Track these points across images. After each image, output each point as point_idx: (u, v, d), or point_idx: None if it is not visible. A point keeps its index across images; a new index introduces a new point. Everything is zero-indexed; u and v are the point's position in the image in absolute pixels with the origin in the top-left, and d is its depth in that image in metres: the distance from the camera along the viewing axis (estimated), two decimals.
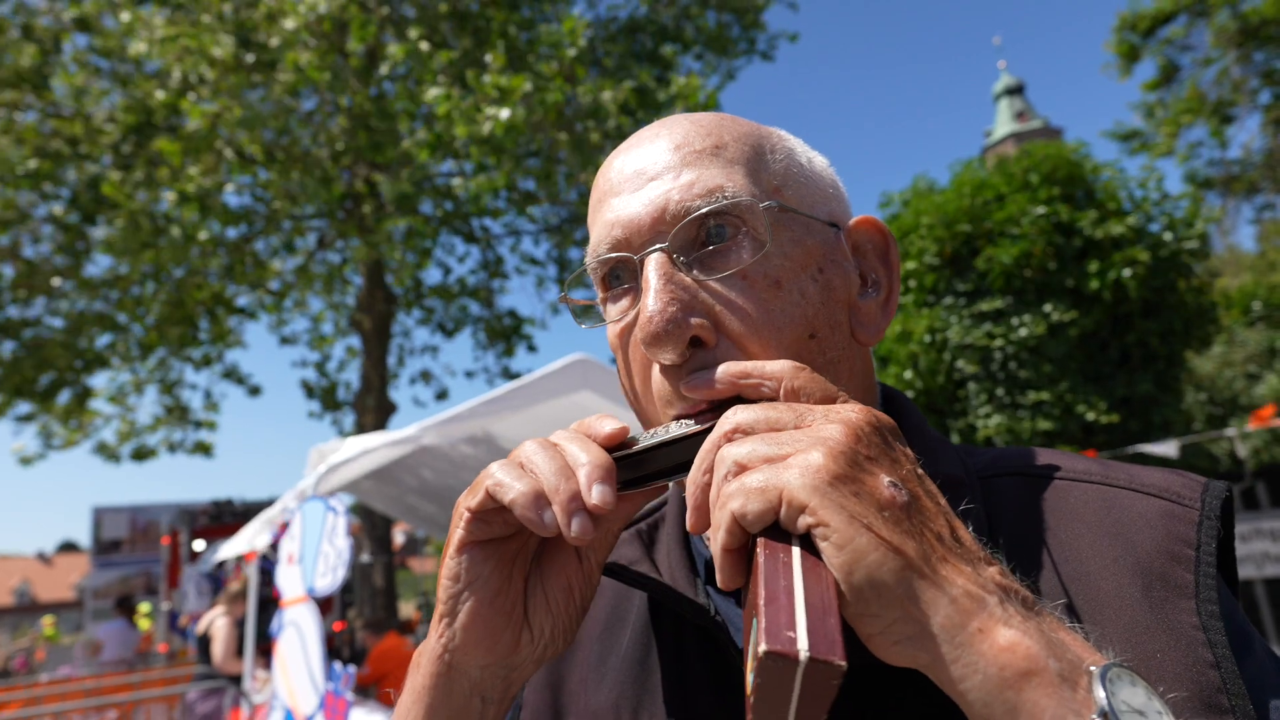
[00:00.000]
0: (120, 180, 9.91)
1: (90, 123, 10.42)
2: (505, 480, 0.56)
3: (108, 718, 7.57)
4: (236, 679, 6.17)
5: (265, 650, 5.46)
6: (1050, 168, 7.03)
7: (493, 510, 0.58)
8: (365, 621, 8.24)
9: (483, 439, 5.90)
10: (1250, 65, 13.88)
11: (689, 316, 0.60)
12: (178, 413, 12.44)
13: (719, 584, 0.48)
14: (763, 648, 0.38)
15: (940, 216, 7.09)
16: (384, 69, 9.87)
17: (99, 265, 11.67)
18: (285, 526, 4.45)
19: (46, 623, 14.08)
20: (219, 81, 9.37)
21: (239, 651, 6.23)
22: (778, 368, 0.56)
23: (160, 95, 9.71)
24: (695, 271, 0.63)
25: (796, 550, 0.44)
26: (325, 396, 12.66)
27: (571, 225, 12.03)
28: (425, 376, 13.32)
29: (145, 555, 20.33)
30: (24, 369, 10.85)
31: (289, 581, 4.31)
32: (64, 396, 11.67)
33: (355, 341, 13.44)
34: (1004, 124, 56.94)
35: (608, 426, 0.59)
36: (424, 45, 9.16)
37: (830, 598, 0.41)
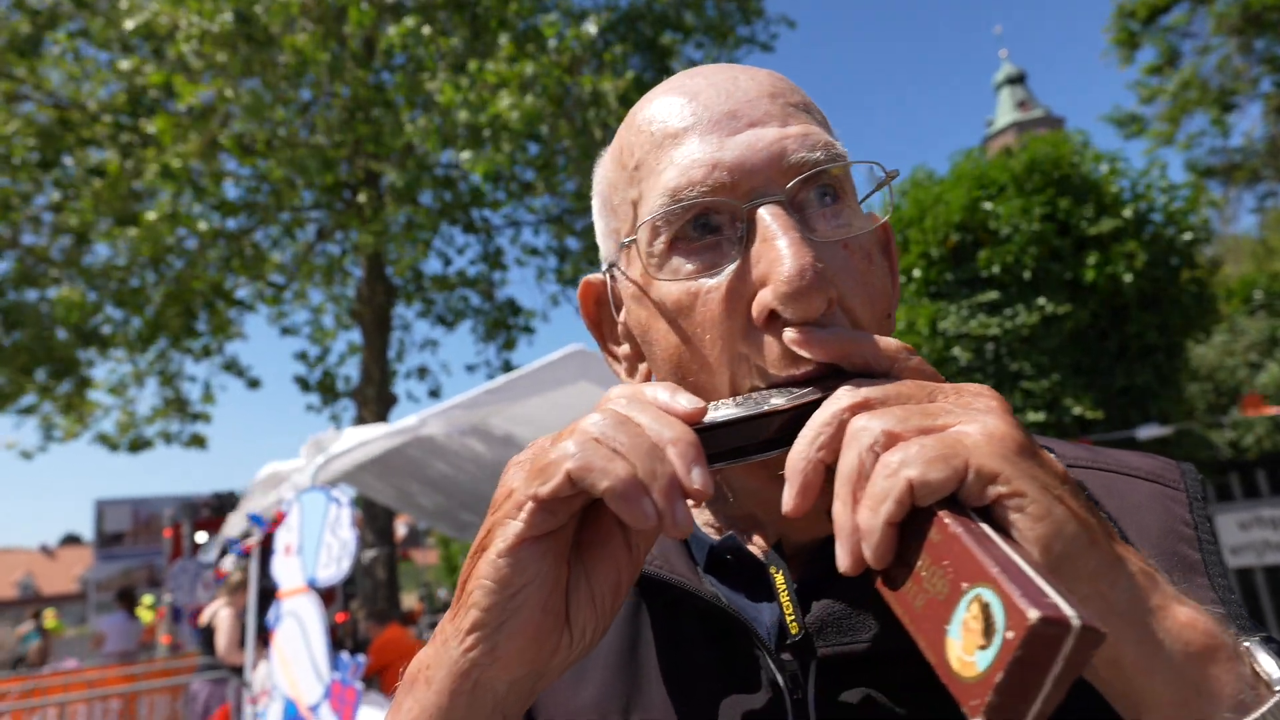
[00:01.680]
0: (119, 165, 9.89)
1: (86, 111, 10.39)
2: (596, 462, 0.47)
3: (110, 708, 7.60)
4: (239, 670, 6.19)
5: (268, 641, 5.49)
6: (1050, 166, 7.01)
7: (565, 498, 0.49)
8: (369, 611, 8.27)
9: (482, 430, 5.91)
10: (1251, 53, 13.80)
11: (829, 276, 0.55)
12: (176, 404, 12.45)
13: (871, 562, 0.43)
14: (1034, 614, 0.34)
15: (940, 211, 7.08)
16: (382, 52, 9.82)
17: (97, 256, 11.66)
18: (282, 516, 4.45)
19: (49, 615, 14.11)
20: (214, 57, 9.29)
21: (241, 642, 6.27)
22: (896, 344, 0.53)
23: (151, 71, 9.62)
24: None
25: (983, 523, 0.41)
26: (324, 388, 12.66)
27: (572, 216, 12.00)
28: (421, 372, 13.31)
29: (148, 548, 20.42)
30: (23, 357, 10.85)
31: (287, 572, 4.32)
32: (65, 386, 11.68)
33: (356, 336, 13.44)
34: (1005, 113, 56.73)
35: (684, 401, 0.51)
36: (425, 29, 9.12)
37: (1042, 568, 0.38)
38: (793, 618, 0.60)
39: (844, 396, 0.48)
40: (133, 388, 12.31)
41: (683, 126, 0.59)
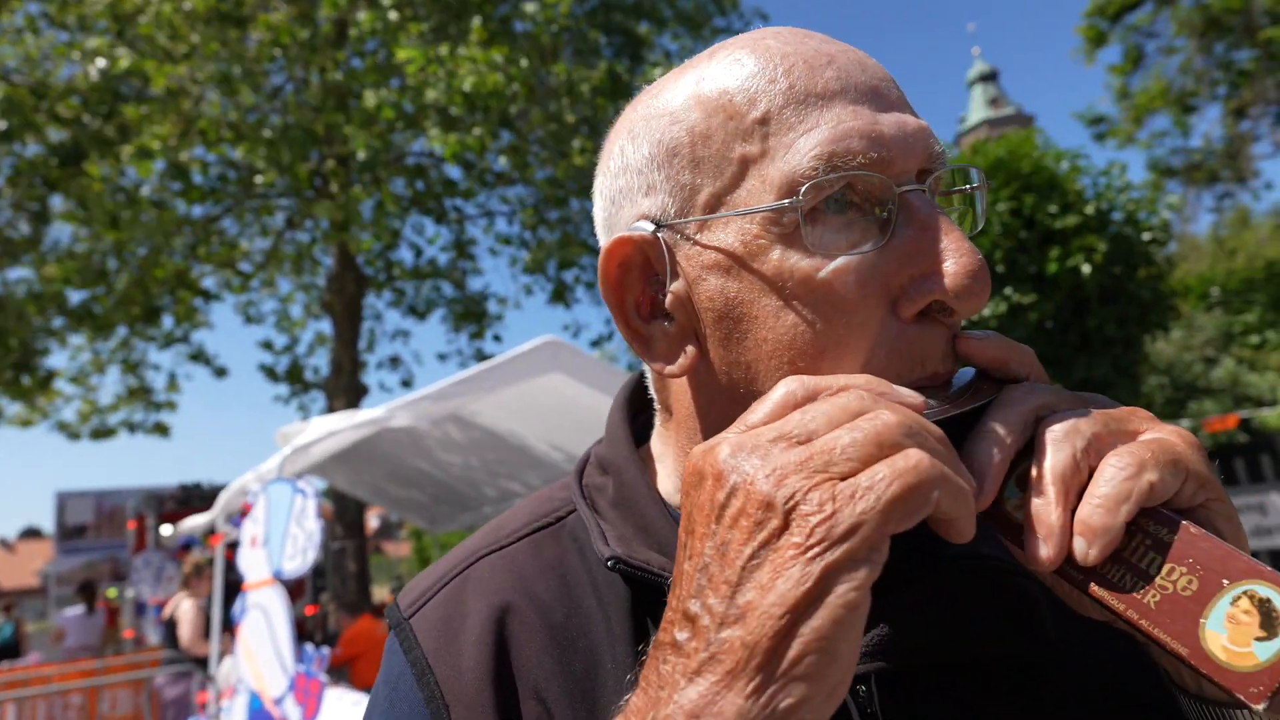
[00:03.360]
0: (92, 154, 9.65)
1: (51, 90, 10.10)
2: (950, 483, 0.41)
3: (72, 704, 7.48)
4: (203, 662, 6.12)
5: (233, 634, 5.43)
6: (1015, 165, 7.16)
7: None
8: (340, 603, 8.22)
9: (452, 421, 5.89)
10: (1211, 55, 14.14)
11: None
12: (140, 393, 12.22)
13: (1093, 559, 0.43)
14: None
15: None
16: (354, 36, 9.67)
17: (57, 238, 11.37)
18: (249, 508, 4.41)
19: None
20: (186, 36, 9.07)
21: (205, 632, 6.20)
22: (1030, 353, 0.52)
23: (121, 56, 9.39)
24: None
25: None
26: (293, 379, 12.51)
27: (546, 205, 11.94)
28: (394, 362, 13.20)
29: (111, 540, 20.00)
30: None
31: (252, 564, 4.28)
32: (26, 378, 11.40)
33: (325, 326, 13.28)
34: (978, 110, 57.42)
35: (911, 397, 0.46)
36: (393, 15, 9.00)
37: None
38: None
39: (1027, 398, 0.47)
40: (94, 375, 12.06)
41: (829, 90, 0.52)
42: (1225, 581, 0.40)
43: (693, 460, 0.45)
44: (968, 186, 0.57)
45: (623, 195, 0.60)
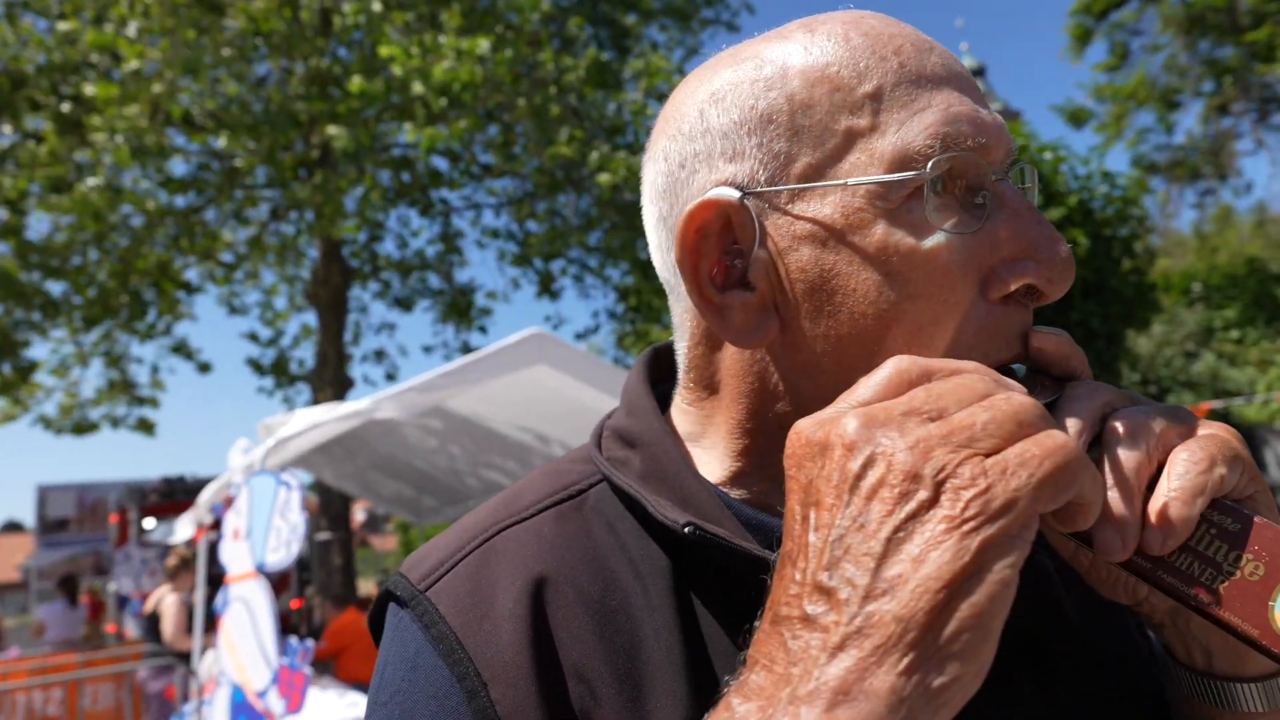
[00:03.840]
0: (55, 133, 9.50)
1: (25, 76, 9.95)
2: (1089, 460, 0.42)
3: (53, 697, 7.42)
4: (186, 656, 6.09)
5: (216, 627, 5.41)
6: None
7: None
8: (326, 595, 8.20)
9: (437, 413, 5.87)
10: (1195, 53, 14.26)
11: None
12: (122, 386, 12.09)
13: (1166, 549, 0.45)
14: None
15: None
16: (337, 27, 9.58)
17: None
18: (230, 501, 4.38)
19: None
20: (163, 20, 8.93)
21: (189, 628, 6.16)
22: (1084, 355, 0.56)
23: (92, 35, 9.22)
24: None
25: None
26: (278, 371, 12.42)
27: (532, 198, 11.90)
28: (379, 355, 13.13)
29: (93, 534, 19.83)
30: None
31: (235, 557, 4.26)
32: (7, 367, 11.26)
33: (310, 318, 13.19)
34: None
35: (1015, 386, 0.46)
36: (377, 6, 8.92)
37: None
38: None
39: (1097, 395, 0.50)
40: (76, 369, 11.93)
41: (936, 74, 0.54)
42: None
43: (804, 433, 0.43)
44: (1024, 185, 0.59)
45: (698, 159, 0.58)
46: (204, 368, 12.80)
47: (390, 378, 13.16)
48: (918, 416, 0.41)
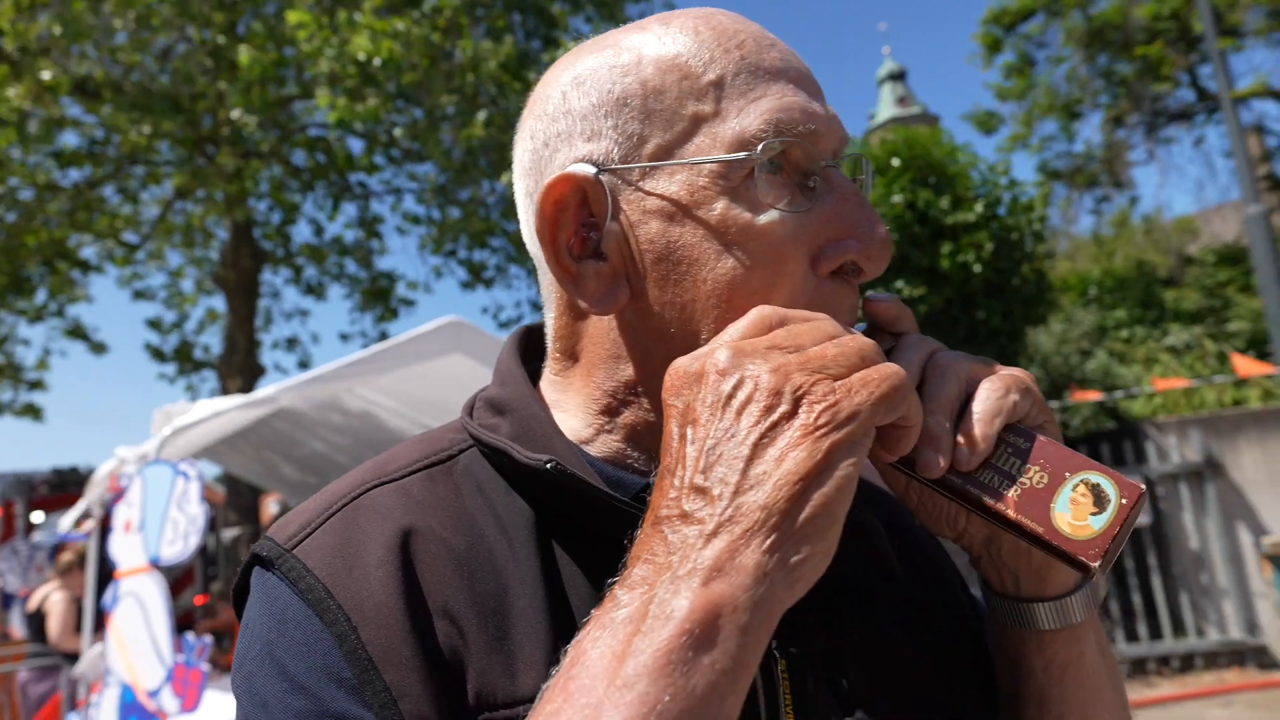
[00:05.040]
0: None
1: None
2: (912, 389, 0.51)
3: None
4: (74, 657, 5.76)
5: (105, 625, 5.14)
6: (910, 155, 7.43)
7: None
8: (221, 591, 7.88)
9: (348, 402, 5.72)
10: (1095, 65, 15.10)
11: None
12: (8, 370, 11.30)
13: (971, 464, 0.53)
14: (1141, 485, 0.50)
15: None
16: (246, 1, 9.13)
17: None
18: (121, 492, 4.17)
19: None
20: None
21: (77, 627, 5.83)
22: (912, 314, 0.63)
23: None
24: None
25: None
26: (181, 357, 11.83)
27: (455, 185, 11.67)
28: (291, 343, 12.65)
29: None
30: None
31: (126, 550, 4.06)
32: None
33: (218, 302, 12.61)
34: (886, 108, 59.36)
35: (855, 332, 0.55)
36: None
37: None
38: None
39: (923, 344, 0.58)
40: None
41: (774, 67, 0.59)
42: (1068, 474, 0.52)
43: (681, 366, 0.50)
44: (860, 178, 0.65)
45: (559, 138, 0.62)
46: (98, 348, 12.10)
47: (304, 365, 12.72)
48: (779, 349, 0.48)
